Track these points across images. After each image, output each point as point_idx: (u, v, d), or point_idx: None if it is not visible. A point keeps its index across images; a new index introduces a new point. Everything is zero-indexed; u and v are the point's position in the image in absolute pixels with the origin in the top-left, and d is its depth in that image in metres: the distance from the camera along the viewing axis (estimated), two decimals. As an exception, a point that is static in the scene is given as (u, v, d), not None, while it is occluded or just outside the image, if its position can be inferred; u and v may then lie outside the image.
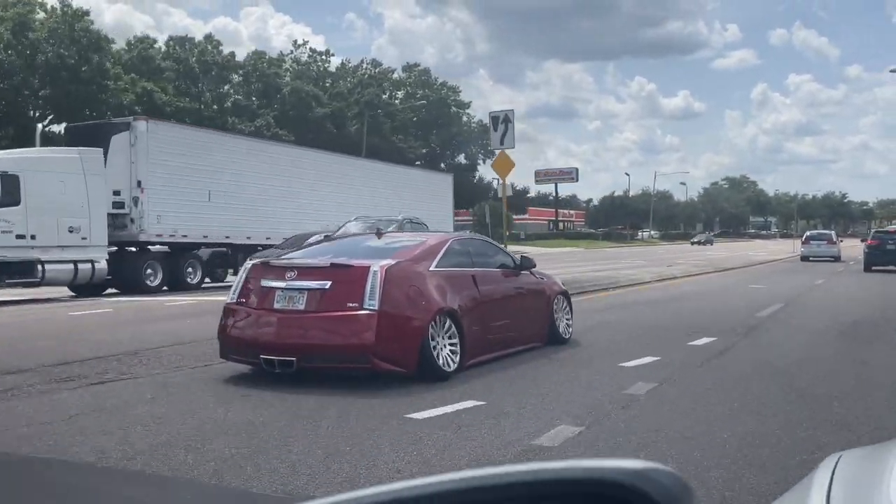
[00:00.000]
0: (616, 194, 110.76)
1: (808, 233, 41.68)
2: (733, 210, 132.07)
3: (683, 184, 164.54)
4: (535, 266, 8.79)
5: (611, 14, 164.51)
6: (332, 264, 6.79)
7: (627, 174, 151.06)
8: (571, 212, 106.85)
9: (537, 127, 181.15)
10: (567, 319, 9.25)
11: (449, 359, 6.85)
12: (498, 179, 22.19)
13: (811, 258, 35.38)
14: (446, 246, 7.60)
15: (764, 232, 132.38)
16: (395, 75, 66.76)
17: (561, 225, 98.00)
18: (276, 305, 6.73)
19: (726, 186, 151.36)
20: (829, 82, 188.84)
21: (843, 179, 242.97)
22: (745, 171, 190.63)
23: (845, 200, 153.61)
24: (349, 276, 6.63)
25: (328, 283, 6.60)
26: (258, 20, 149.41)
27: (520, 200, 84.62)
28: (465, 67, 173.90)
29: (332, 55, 64.45)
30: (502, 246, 8.96)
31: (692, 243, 73.76)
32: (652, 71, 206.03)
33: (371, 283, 6.48)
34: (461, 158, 73.13)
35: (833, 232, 44.37)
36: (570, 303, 9.47)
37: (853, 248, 43.83)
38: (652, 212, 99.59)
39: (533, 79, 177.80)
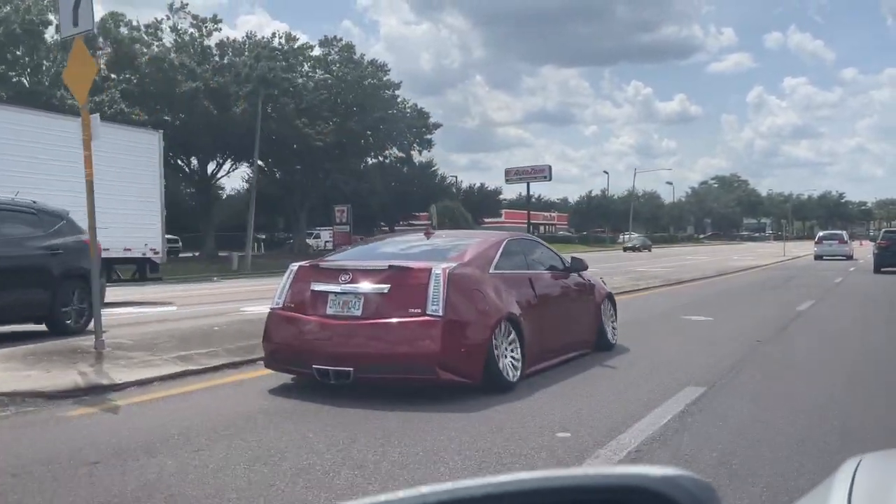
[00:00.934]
0: (594, 194, 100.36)
1: (820, 233, 43.09)
2: (723, 210, 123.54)
3: (670, 183, 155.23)
4: (586, 268, 8.40)
5: (606, 19, 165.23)
6: (390, 266, 6.34)
7: (606, 172, 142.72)
8: (553, 214, 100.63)
9: (534, 132, 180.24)
10: (613, 324, 8.87)
11: (511, 367, 6.44)
12: (456, 177, 19.19)
13: (825, 257, 36.91)
14: (503, 246, 7.18)
15: (757, 234, 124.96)
16: (315, 52, 50.76)
17: (543, 228, 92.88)
18: (329, 311, 6.27)
19: (716, 186, 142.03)
20: (824, 85, 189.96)
21: (840, 182, 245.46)
22: (742, 174, 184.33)
23: (842, 200, 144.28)
24: (410, 280, 6.19)
25: (387, 287, 6.15)
26: (254, 28, 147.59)
27: (490, 202, 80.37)
28: (462, 73, 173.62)
29: (220, 21, 48.66)
30: (549, 246, 8.53)
31: (625, 249, 61.32)
32: (648, 75, 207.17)
33: (434, 286, 6.05)
34: (399, 151, 59.50)
35: (844, 232, 45.88)
36: (615, 306, 9.08)
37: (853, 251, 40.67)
38: (632, 213, 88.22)
39: (529, 84, 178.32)
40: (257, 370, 7.17)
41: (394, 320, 6.06)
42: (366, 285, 6.24)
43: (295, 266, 6.81)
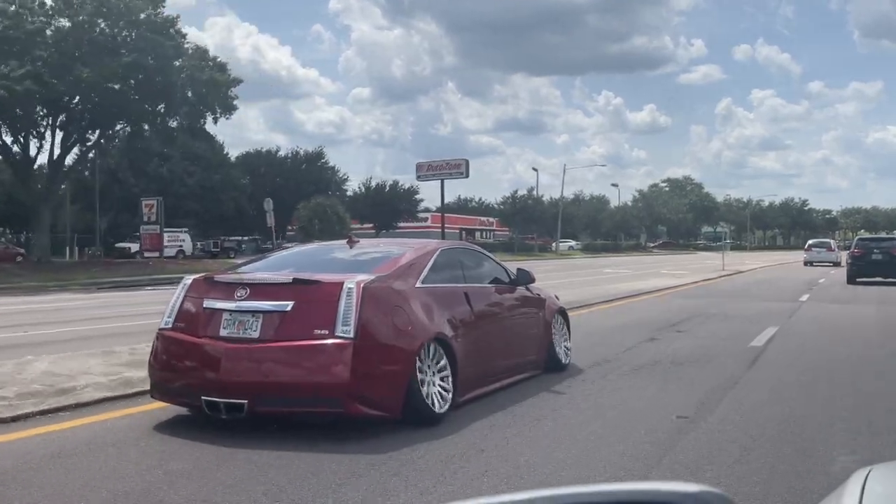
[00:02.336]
0: (520, 194, 79.10)
1: (810, 241, 46.26)
2: (671, 216, 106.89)
3: (615, 185, 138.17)
4: (533, 281, 7.53)
5: (577, 29, 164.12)
6: (294, 280, 5.40)
7: (535, 169, 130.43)
8: (493, 220, 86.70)
9: (506, 140, 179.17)
10: (565, 343, 8.02)
11: (439, 396, 5.53)
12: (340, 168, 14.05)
13: (814, 263, 38.91)
14: (434, 257, 6.28)
15: (717, 244, 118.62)
16: None
17: (479, 234, 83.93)
18: (223, 332, 5.32)
19: (667, 189, 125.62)
20: (791, 98, 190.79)
21: (807, 193, 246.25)
22: (710, 185, 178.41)
23: (806, 208, 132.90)
24: (317, 296, 5.27)
25: (289, 304, 5.21)
26: (223, 30, 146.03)
27: (408, 204, 69.96)
28: (434, 80, 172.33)
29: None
30: (493, 256, 7.65)
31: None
32: (619, 85, 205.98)
33: (345, 304, 5.13)
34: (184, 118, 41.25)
35: (833, 241, 51.67)
36: (568, 323, 8.23)
37: (815, 267, 36.21)
38: (561, 217, 75.79)
39: (501, 92, 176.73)
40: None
41: (296, 343, 5.12)
42: (265, 302, 5.30)
43: (189, 279, 5.84)
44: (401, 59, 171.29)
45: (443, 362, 5.65)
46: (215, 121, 41.05)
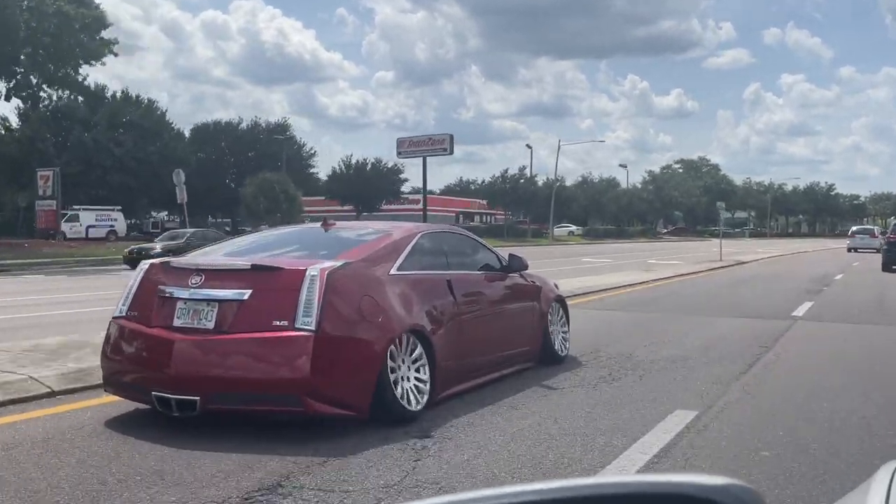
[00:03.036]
0: (510, 174, 71.86)
1: (853, 228, 48.05)
2: (683, 199, 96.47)
3: (624, 166, 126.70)
4: (526, 267, 7.03)
5: (602, 11, 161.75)
6: (253, 266, 4.95)
7: (529, 146, 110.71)
8: (485, 201, 78.48)
9: (530, 125, 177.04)
10: (564, 333, 7.53)
11: (414, 393, 5.09)
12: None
13: (858, 249, 40.09)
14: (413, 241, 5.80)
15: (737, 230, 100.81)
16: None
17: (480, 218, 79.68)
18: (177, 322, 4.89)
19: (680, 171, 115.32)
20: (822, 83, 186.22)
21: (836, 180, 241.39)
22: (736, 171, 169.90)
23: (832, 193, 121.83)
24: (276, 283, 4.82)
25: (247, 293, 4.77)
26: (248, 14, 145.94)
27: (388, 182, 64.27)
28: (458, 63, 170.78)
29: None
30: (483, 241, 7.16)
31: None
32: (645, 69, 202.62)
33: (307, 292, 4.68)
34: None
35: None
36: (566, 312, 7.73)
37: (836, 258, 32.90)
38: (554, 200, 65.42)
39: (525, 76, 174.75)
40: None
41: (252, 335, 4.68)
42: (220, 290, 4.86)
43: (146, 264, 5.42)
44: (424, 43, 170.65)
45: (418, 355, 5.21)
46: (76, 70, 32.08)
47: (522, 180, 71.94)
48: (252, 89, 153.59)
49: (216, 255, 5.65)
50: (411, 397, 5.08)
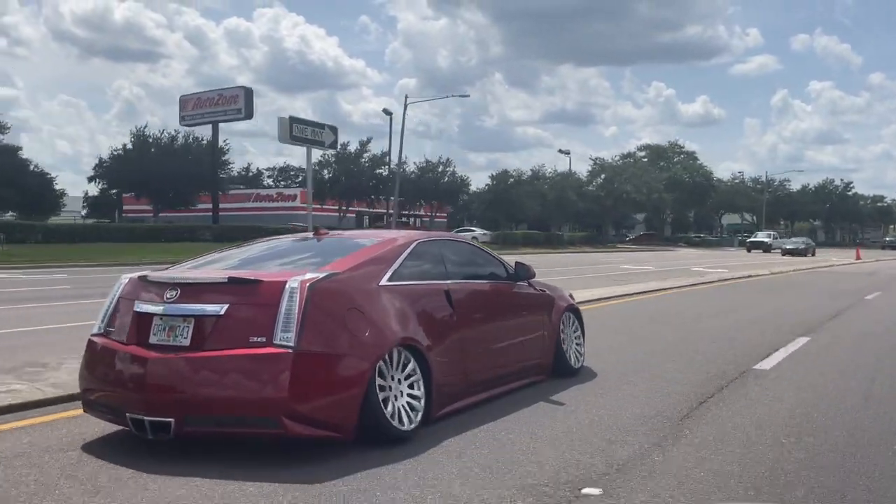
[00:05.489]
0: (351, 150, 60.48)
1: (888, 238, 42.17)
2: (636, 196, 71.88)
3: (564, 152, 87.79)
4: (533, 276, 6.68)
5: (626, 18, 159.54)
6: (230, 279, 4.67)
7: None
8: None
9: (554, 132, 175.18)
10: (577, 344, 7.16)
11: (407, 411, 4.77)
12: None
13: None
14: (408, 249, 5.49)
15: (739, 236, 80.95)
16: None
17: (415, 221, 67.91)
18: (153, 339, 4.63)
19: (644, 160, 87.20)
20: (851, 90, 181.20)
21: (866, 189, 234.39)
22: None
23: (850, 193, 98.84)
24: (255, 297, 4.52)
25: (223, 308, 4.48)
26: (270, 21, 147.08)
27: (198, 165, 50.45)
28: (480, 70, 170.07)
29: None
30: (488, 250, 6.80)
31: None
32: (670, 76, 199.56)
33: (286, 306, 4.38)
34: None
35: None
36: (581, 322, 7.35)
37: (860, 270, 28.89)
38: (397, 191, 54.60)
39: (548, 83, 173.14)
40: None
41: (228, 353, 4.39)
42: (196, 305, 4.58)
43: (125, 278, 5.17)
44: (447, 50, 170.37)
45: (411, 371, 4.90)
46: None
47: (368, 163, 56.55)
48: (276, 97, 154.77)
49: (198, 267, 5.37)
50: (403, 416, 4.77)
